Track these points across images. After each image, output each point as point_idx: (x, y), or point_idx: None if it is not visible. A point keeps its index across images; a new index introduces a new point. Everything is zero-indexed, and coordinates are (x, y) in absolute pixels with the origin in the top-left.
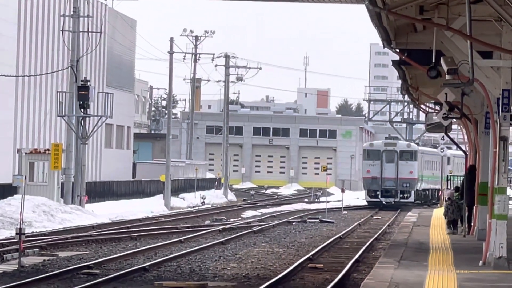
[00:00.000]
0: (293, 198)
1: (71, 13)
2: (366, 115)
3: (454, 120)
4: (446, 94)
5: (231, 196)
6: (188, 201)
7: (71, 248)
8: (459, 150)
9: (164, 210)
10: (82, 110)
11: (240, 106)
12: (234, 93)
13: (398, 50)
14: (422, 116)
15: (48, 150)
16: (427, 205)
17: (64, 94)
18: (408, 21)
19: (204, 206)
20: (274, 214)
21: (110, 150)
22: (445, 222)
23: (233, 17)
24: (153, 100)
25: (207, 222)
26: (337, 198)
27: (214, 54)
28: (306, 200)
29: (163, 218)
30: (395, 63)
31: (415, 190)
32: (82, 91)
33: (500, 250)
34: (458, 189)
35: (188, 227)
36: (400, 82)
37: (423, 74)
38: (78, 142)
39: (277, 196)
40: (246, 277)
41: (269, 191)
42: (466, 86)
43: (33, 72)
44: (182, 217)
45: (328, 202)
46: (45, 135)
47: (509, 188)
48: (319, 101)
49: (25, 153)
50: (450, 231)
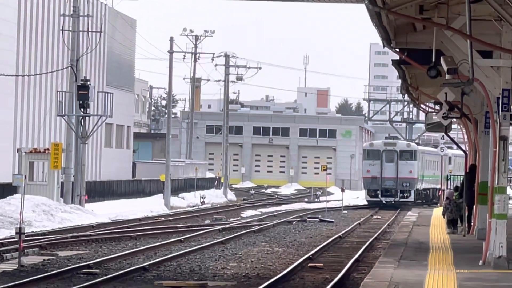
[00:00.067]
0: (293, 197)
1: (71, 12)
2: (366, 115)
3: (454, 119)
4: (446, 93)
5: (231, 195)
6: (188, 200)
7: (71, 247)
8: (459, 149)
9: (164, 209)
10: (82, 109)
11: (240, 105)
12: (234, 92)
13: (398, 50)
14: (422, 115)
15: (48, 149)
16: (427, 204)
17: (64, 93)
18: (408, 20)
19: (204, 206)
20: (274, 214)
21: (110, 150)
22: (445, 222)
23: (233, 17)
24: (153, 99)
25: (207, 222)
26: (337, 198)
27: (214, 54)
28: (306, 199)
29: (163, 218)
30: (395, 63)
31: (415, 189)
32: (82, 91)
33: (500, 249)
34: (457, 188)
35: (188, 227)
36: (400, 81)
37: (423, 73)
38: (78, 141)
39: (277, 195)
40: (246, 276)
41: (269, 191)
42: (466, 86)
43: (33, 71)
44: (182, 216)
45: (328, 201)
46: (45, 135)
47: (509, 187)
48: (319, 100)
49: (25, 152)
50: (450, 231)
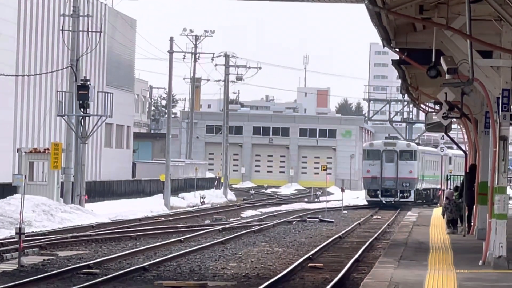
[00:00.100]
0: (292, 197)
1: (71, 12)
2: (366, 115)
3: (454, 119)
4: (446, 93)
5: (231, 195)
6: (187, 200)
7: (71, 247)
8: (459, 149)
9: (163, 209)
10: (82, 109)
11: (240, 105)
12: (234, 92)
13: (398, 50)
14: (422, 115)
15: (48, 149)
16: (427, 204)
17: (64, 93)
18: (408, 20)
19: (203, 206)
20: (274, 214)
21: (109, 150)
22: (444, 222)
23: (233, 16)
24: (153, 99)
25: (207, 222)
26: (337, 198)
27: (214, 54)
28: (306, 199)
29: (163, 218)
30: (395, 63)
31: (415, 189)
32: (82, 91)
33: (500, 249)
34: (457, 188)
35: (188, 227)
36: (400, 81)
37: (423, 73)
38: (78, 141)
39: (277, 195)
40: (246, 276)
41: (269, 191)
42: (466, 86)
43: (33, 71)
44: (181, 216)
45: (327, 201)
46: (45, 135)
47: (509, 187)
48: (319, 100)
49: (25, 152)
50: (450, 231)
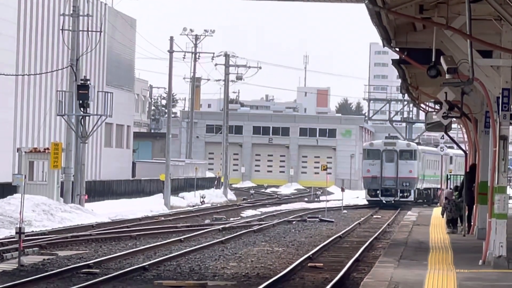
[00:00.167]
0: (292, 197)
1: (71, 12)
2: (366, 114)
3: (454, 119)
4: (446, 93)
5: (231, 195)
6: (187, 200)
7: (71, 247)
8: (460, 149)
9: (163, 209)
10: (82, 109)
11: (240, 105)
12: (234, 92)
13: (398, 49)
14: (422, 115)
15: (48, 149)
16: (427, 204)
17: (64, 93)
18: (408, 20)
19: (203, 205)
20: (274, 213)
21: (109, 149)
22: (444, 222)
23: (233, 16)
24: (153, 99)
25: (207, 221)
26: (337, 197)
27: (214, 53)
28: (306, 199)
29: (163, 217)
30: (395, 62)
31: (415, 189)
32: (82, 90)
33: (500, 249)
34: (457, 188)
35: (187, 226)
36: (400, 81)
37: (423, 73)
38: (78, 141)
39: (277, 195)
40: (246, 276)
41: (269, 190)
42: (466, 85)
43: (33, 71)
44: (181, 216)
45: (327, 201)
46: (44, 134)
47: (509, 187)
48: (319, 100)
49: (25, 152)
50: (450, 231)
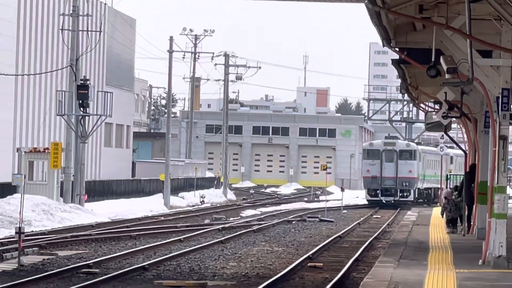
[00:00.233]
0: (292, 197)
1: (71, 12)
2: (366, 114)
3: (454, 119)
4: (445, 93)
5: (231, 195)
6: (187, 200)
7: (71, 247)
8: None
9: (163, 209)
10: (82, 109)
11: (239, 105)
12: (234, 92)
13: (397, 49)
14: (422, 115)
15: (47, 149)
16: (427, 204)
17: (63, 93)
18: (407, 20)
19: (203, 205)
20: (274, 213)
21: (109, 149)
22: (444, 221)
23: (232, 16)
24: (152, 99)
25: (207, 221)
26: (336, 197)
27: (213, 53)
28: (306, 199)
29: (163, 217)
30: (395, 62)
31: (416, 189)
32: (82, 90)
33: (499, 249)
34: (457, 188)
35: (187, 226)
36: (399, 81)
37: (423, 73)
38: (78, 141)
39: (276, 195)
40: (245, 276)
41: (268, 190)
42: (466, 85)
43: (32, 71)
44: (181, 216)
45: (327, 201)
46: (44, 134)
47: (508, 187)
48: (319, 100)
49: (24, 152)
50: (450, 230)
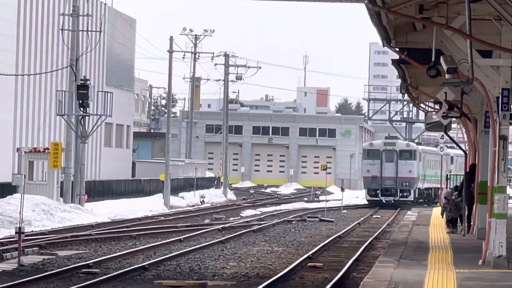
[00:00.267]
0: (292, 197)
1: (71, 12)
2: (366, 114)
3: (454, 119)
4: (445, 93)
5: (231, 195)
6: (187, 200)
7: (71, 247)
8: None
9: (163, 209)
10: (82, 109)
11: (239, 105)
12: (234, 92)
13: (397, 49)
14: (422, 115)
15: (47, 149)
16: (427, 204)
17: (63, 93)
18: (407, 20)
19: (203, 205)
20: (274, 213)
21: (109, 149)
22: (444, 221)
23: (232, 16)
24: (152, 99)
25: (207, 221)
26: (336, 197)
27: (213, 53)
28: (306, 199)
29: (163, 217)
30: (395, 62)
31: (416, 189)
32: (82, 90)
33: (499, 249)
34: (457, 188)
35: (187, 226)
36: (399, 81)
37: (423, 73)
38: (78, 141)
39: (276, 195)
40: (245, 276)
41: (268, 190)
42: (466, 85)
43: (32, 71)
44: (181, 216)
45: (327, 201)
46: (44, 134)
47: (508, 187)
48: (319, 100)
49: (24, 152)
50: (450, 230)
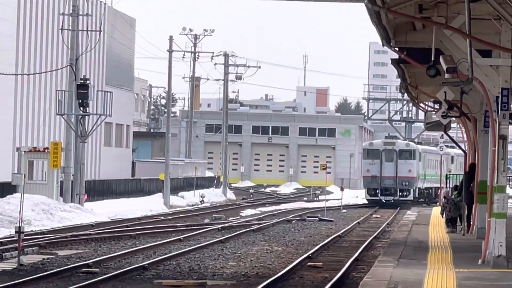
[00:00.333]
0: (292, 196)
1: (71, 11)
2: (365, 114)
3: (453, 118)
4: (445, 92)
5: (230, 194)
6: (187, 199)
7: (70, 246)
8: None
9: (163, 208)
10: (82, 108)
11: (239, 104)
12: (234, 91)
13: (397, 49)
14: (421, 114)
15: (47, 148)
16: (427, 203)
17: (63, 92)
18: (407, 19)
19: (203, 205)
20: (273, 213)
21: (109, 149)
22: (444, 221)
23: (232, 15)
24: (152, 98)
25: (206, 221)
26: (336, 197)
27: (213, 53)
28: (305, 198)
29: (162, 217)
30: (394, 62)
31: (416, 188)
32: (82, 90)
33: (499, 248)
34: (457, 187)
35: (187, 226)
36: (399, 80)
37: (422, 72)
38: (78, 140)
39: (276, 194)
40: (245, 275)
41: (268, 190)
42: (465, 85)
43: (32, 70)
44: (181, 215)
45: (327, 200)
46: (44, 134)
47: (508, 186)
48: (318, 99)
49: (24, 151)
50: (449, 230)
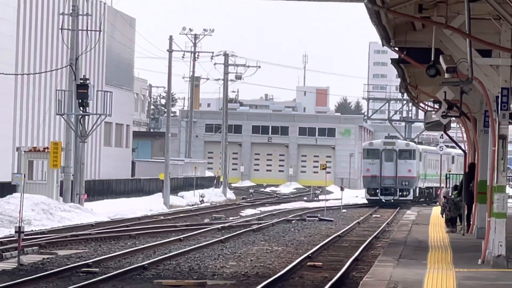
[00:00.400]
0: (292, 196)
1: (70, 11)
2: (365, 114)
3: (453, 118)
4: (445, 92)
5: (230, 194)
6: (187, 199)
7: (70, 246)
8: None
9: (163, 208)
10: (81, 108)
11: (239, 104)
12: (233, 91)
13: (397, 49)
14: (421, 114)
15: (47, 148)
16: (426, 203)
17: (63, 92)
18: (407, 19)
19: (203, 205)
20: (273, 213)
21: (109, 149)
22: (444, 221)
23: (232, 15)
24: (152, 98)
25: (206, 221)
26: (336, 197)
27: (213, 53)
28: (305, 198)
29: (162, 217)
30: (394, 62)
31: (416, 188)
32: (81, 90)
33: (499, 248)
34: (456, 187)
35: (187, 226)
36: (399, 80)
37: (422, 72)
38: (77, 140)
39: (276, 194)
40: (245, 275)
41: (268, 190)
42: (465, 85)
43: (32, 70)
44: (181, 215)
45: (327, 200)
46: (44, 134)
47: (508, 186)
48: (318, 99)
49: (24, 151)
50: (449, 230)
